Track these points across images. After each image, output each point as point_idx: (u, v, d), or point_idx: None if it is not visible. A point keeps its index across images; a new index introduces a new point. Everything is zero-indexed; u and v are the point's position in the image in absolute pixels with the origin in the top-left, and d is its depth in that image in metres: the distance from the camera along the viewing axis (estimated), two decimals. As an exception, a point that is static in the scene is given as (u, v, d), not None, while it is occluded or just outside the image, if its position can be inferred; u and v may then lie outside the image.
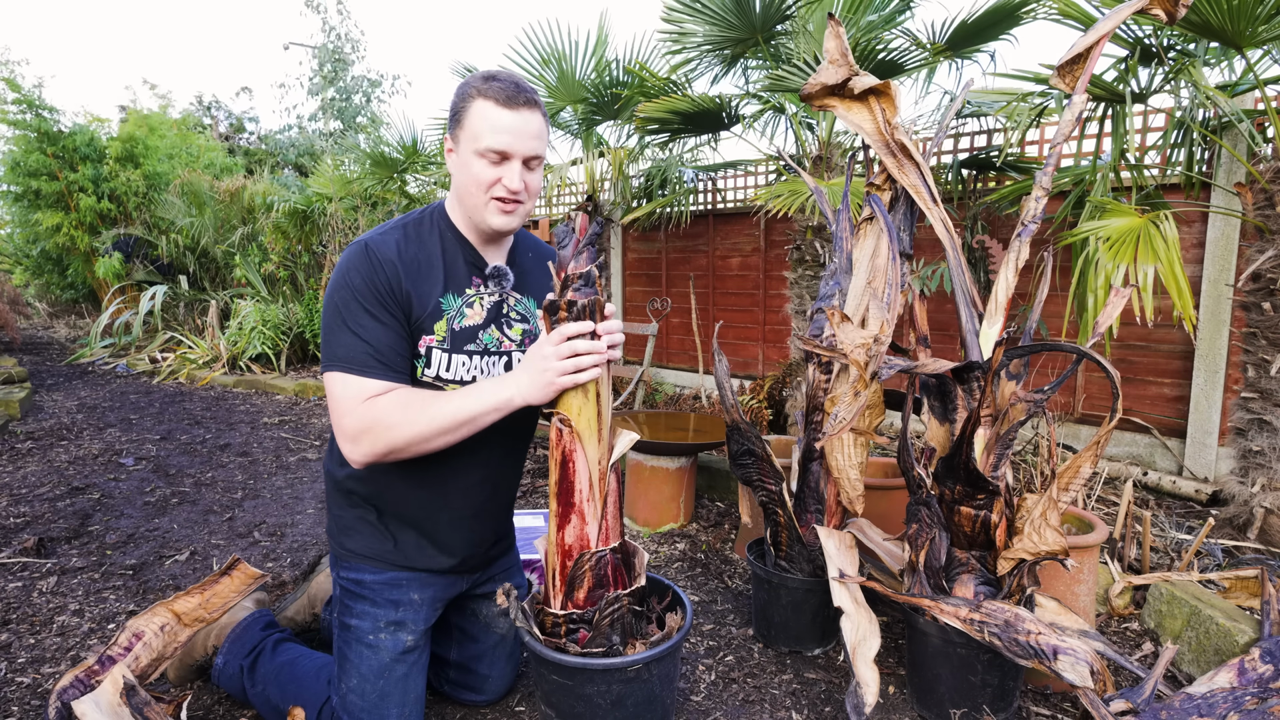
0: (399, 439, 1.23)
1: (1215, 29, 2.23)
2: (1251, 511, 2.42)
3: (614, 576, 1.31)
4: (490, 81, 1.29)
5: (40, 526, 2.82)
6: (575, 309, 1.23)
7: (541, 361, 1.23)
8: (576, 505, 1.28)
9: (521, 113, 1.29)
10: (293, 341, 6.46)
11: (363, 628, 1.41)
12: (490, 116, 1.28)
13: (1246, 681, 1.52)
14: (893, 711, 1.68)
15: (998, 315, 1.61)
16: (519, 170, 1.31)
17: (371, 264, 1.30)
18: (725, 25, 3.37)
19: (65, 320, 10.71)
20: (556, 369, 1.22)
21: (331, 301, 1.31)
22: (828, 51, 1.68)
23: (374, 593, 1.42)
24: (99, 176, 8.36)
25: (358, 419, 1.24)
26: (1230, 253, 2.92)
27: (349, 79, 16.08)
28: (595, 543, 1.29)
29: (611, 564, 1.30)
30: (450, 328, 1.37)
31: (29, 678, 1.81)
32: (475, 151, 1.29)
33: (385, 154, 5.58)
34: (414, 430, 1.23)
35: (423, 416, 1.23)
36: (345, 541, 1.45)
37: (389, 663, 1.40)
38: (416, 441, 1.24)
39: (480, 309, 1.42)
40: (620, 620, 1.30)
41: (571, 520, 1.29)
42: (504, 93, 1.28)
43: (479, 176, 1.31)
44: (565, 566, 1.30)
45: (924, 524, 1.62)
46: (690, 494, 2.88)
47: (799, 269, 3.55)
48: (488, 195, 1.32)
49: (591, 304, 1.24)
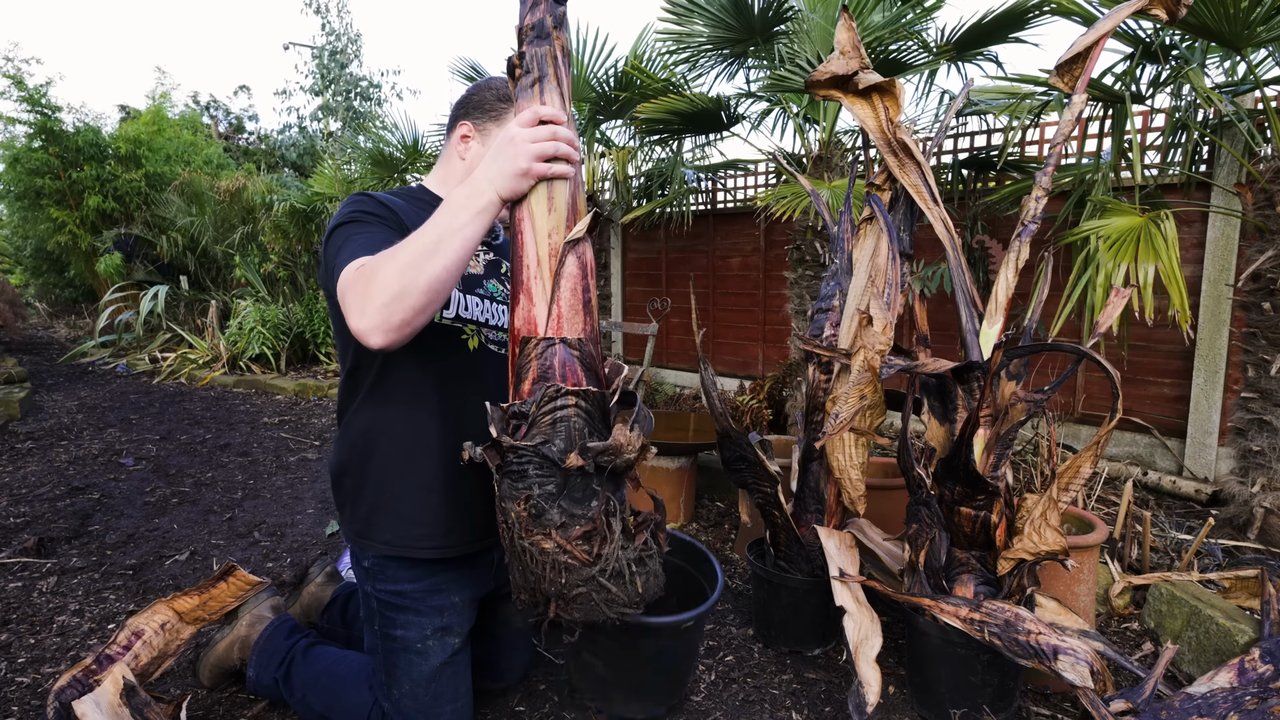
0: (392, 283, 1.07)
1: (1214, 30, 2.23)
2: (1251, 511, 2.42)
3: (565, 373, 1.13)
4: None
5: (40, 526, 2.82)
6: (525, 61, 1.12)
7: (510, 146, 1.10)
8: (524, 283, 1.14)
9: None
10: (292, 341, 6.46)
11: (409, 637, 1.40)
12: None
13: (1246, 681, 1.52)
14: (893, 711, 1.68)
15: (998, 315, 1.61)
16: None
17: (380, 202, 1.30)
18: (724, 26, 3.37)
19: (65, 320, 10.72)
20: (530, 153, 1.10)
21: (334, 234, 1.25)
22: (839, 42, 1.68)
23: (416, 601, 1.40)
24: (102, 176, 8.37)
25: (356, 293, 1.10)
26: (1230, 253, 2.92)
27: (349, 79, 16.09)
28: (544, 329, 1.13)
29: (561, 357, 1.13)
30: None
31: (29, 678, 1.81)
32: None
33: (386, 153, 5.58)
34: (406, 269, 1.07)
35: (409, 249, 1.09)
36: (374, 536, 1.39)
37: (439, 666, 1.41)
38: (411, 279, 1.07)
39: (478, 263, 1.47)
40: (565, 422, 1.11)
41: (520, 301, 1.15)
42: None
43: None
44: (514, 354, 1.16)
45: (924, 524, 1.62)
46: (690, 494, 2.88)
47: (799, 269, 3.55)
48: None
49: (542, 56, 1.11)
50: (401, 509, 1.38)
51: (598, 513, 1.12)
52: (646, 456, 1.15)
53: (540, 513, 1.10)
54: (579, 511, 1.12)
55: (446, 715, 1.44)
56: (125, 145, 8.45)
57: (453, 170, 1.45)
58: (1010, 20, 2.94)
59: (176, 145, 9.29)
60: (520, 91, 1.13)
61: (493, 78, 1.39)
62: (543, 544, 1.10)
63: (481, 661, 1.64)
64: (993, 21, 2.95)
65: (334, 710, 1.52)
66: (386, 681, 1.43)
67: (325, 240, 1.29)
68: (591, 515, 1.12)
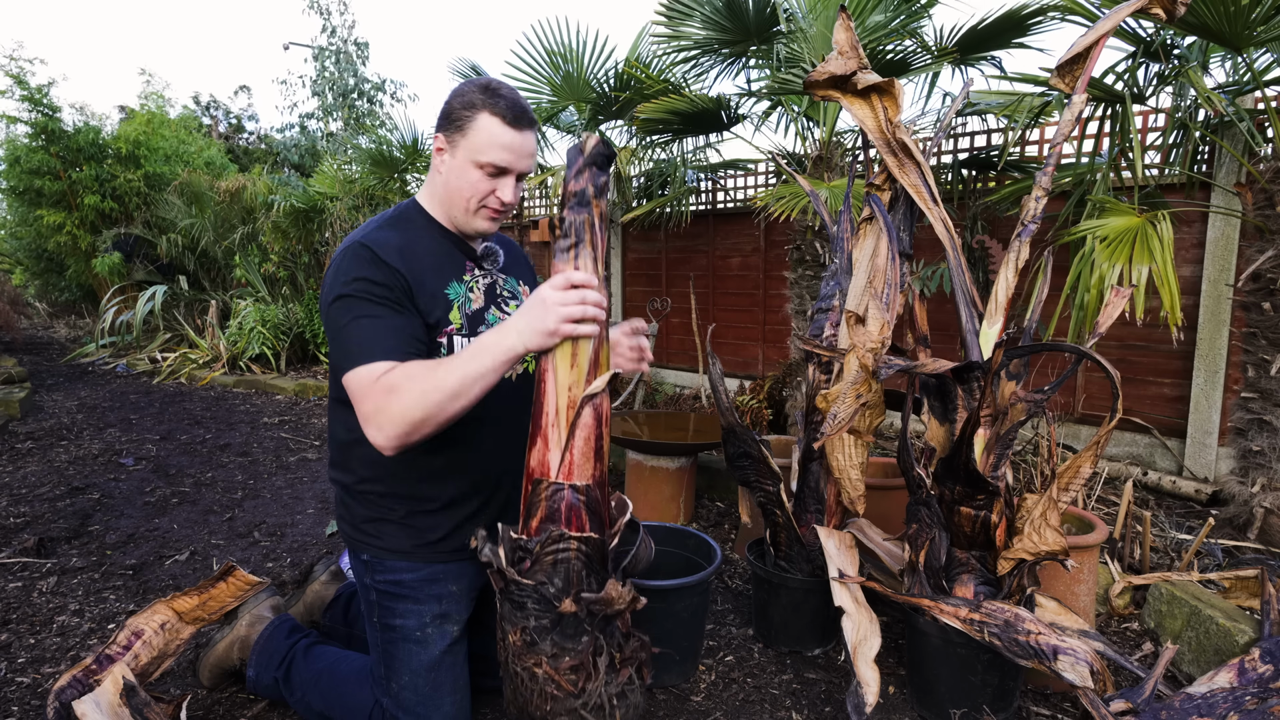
0: (412, 410, 1.18)
1: (1213, 30, 2.23)
2: (1251, 511, 2.42)
3: (570, 517, 1.22)
4: (496, 97, 1.33)
5: (40, 526, 2.82)
6: (564, 226, 1.23)
7: (541, 307, 1.18)
8: (542, 428, 1.24)
9: (525, 133, 1.35)
10: (292, 341, 6.46)
11: (408, 626, 1.42)
12: (496, 133, 1.32)
13: (1246, 681, 1.52)
14: (893, 711, 1.68)
15: (998, 315, 1.61)
16: (513, 185, 1.39)
17: (377, 264, 1.29)
18: (718, 27, 3.37)
19: (65, 320, 10.72)
20: (559, 315, 1.17)
21: (338, 303, 1.29)
22: (837, 43, 1.68)
23: (415, 590, 1.43)
24: (101, 176, 8.36)
25: (372, 403, 1.20)
26: (1230, 253, 2.92)
27: (350, 81, 16.08)
28: (556, 473, 1.23)
29: (568, 501, 1.22)
30: (464, 313, 1.41)
31: (29, 678, 1.81)
32: (475, 163, 1.34)
33: (386, 154, 5.59)
34: (427, 400, 1.18)
35: (431, 382, 1.18)
36: (375, 542, 1.44)
37: (439, 655, 1.42)
38: (433, 410, 1.18)
39: (479, 292, 1.47)
40: (565, 564, 1.21)
41: (536, 443, 1.25)
42: (511, 112, 1.33)
43: (476, 186, 1.36)
44: (526, 490, 1.26)
45: (924, 524, 1.62)
46: (690, 494, 2.88)
47: (799, 269, 3.55)
48: (480, 204, 1.38)
49: (580, 223, 1.22)
50: (404, 522, 1.43)
51: (586, 650, 1.23)
52: (638, 605, 1.26)
53: (534, 643, 1.22)
54: (570, 645, 1.23)
55: (447, 706, 1.44)
56: (125, 146, 8.44)
57: (435, 185, 1.43)
58: (1012, 25, 2.94)
59: (174, 145, 9.29)
60: (557, 252, 1.24)
61: (464, 85, 1.37)
62: (534, 670, 1.22)
63: (479, 656, 1.64)
64: (994, 25, 2.95)
65: (334, 710, 1.52)
66: (386, 675, 1.44)
67: (327, 304, 1.31)
68: (581, 650, 1.23)
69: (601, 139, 1.26)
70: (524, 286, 1.60)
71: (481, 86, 1.35)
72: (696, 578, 1.72)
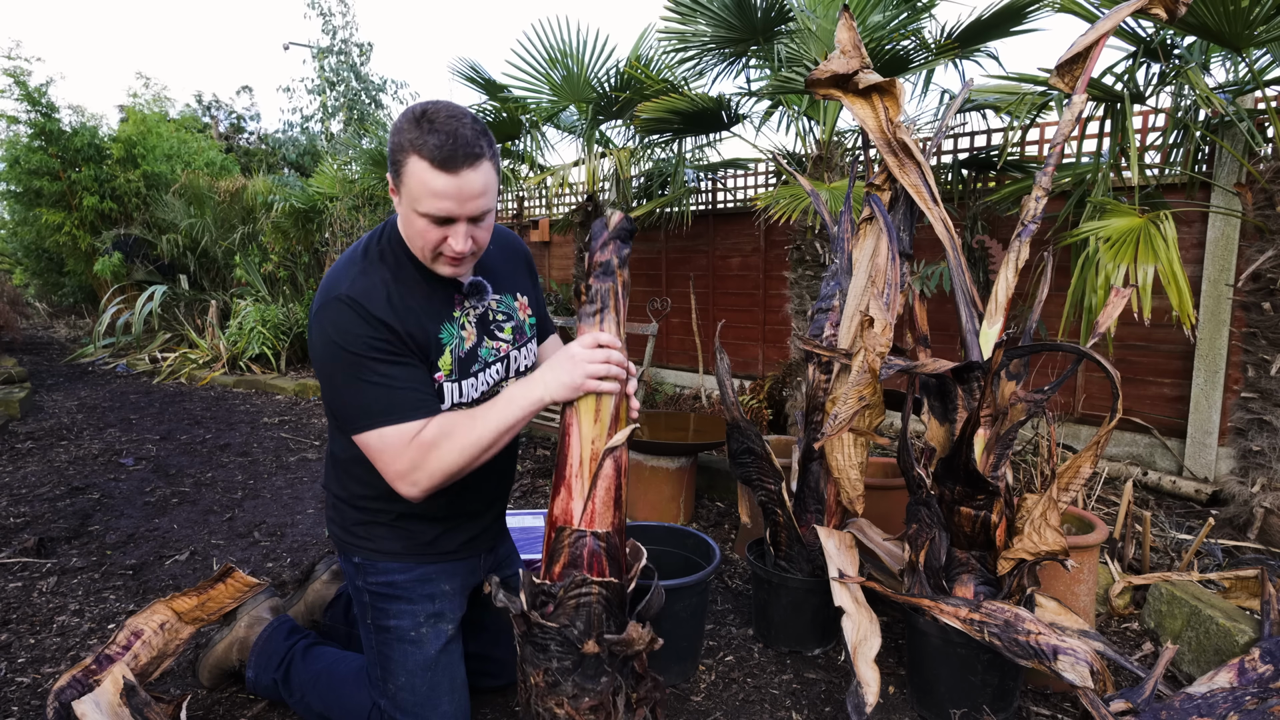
0: (452, 464, 1.25)
1: (1213, 30, 2.23)
2: (1251, 511, 2.42)
3: (591, 562, 1.28)
4: (426, 134, 1.15)
5: (40, 526, 2.82)
6: (590, 293, 1.33)
7: (570, 363, 1.24)
8: (566, 479, 1.30)
9: (463, 174, 1.16)
10: (292, 341, 6.46)
11: (403, 626, 1.43)
12: (428, 181, 1.16)
13: (1246, 681, 1.52)
14: (893, 711, 1.68)
15: (998, 315, 1.61)
16: (464, 231, 1.24)
17: (368, 321, 1.24)
18: (726, 25, 3.37)
19: (65, 320, 10.71)
20: (585, 371, 1.23)
21: (335, 363, 1.25)
22: (840, 41, 1.68)
23: (408, 590, 1.43)
24: (100, 176, 8.36)
25: (408, 460, 1.24)
26: (1230, 253, 2.92)
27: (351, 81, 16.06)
28: (578, 521, 1.29)
29: (590, 548, 1.28)
30: (455, 356, 1.38)
31: (29, 678, 1.81)
32: (416, 212, 1.21)
33: (386, 154, 5.59)
34: (465, 454, 1.25)
35: (470, 437, 1.25)
36: (366, 545, 1.45)
37: (435, 655, 1.42)
38: (469, 462, 1.26)
39: (470, 328, 1.41)
40: (586, 608, 1.27)
41: (560, 493, 1.31)
42: (441, 152, 1.14)
43: (424, 235, 1.24)
44: (550, 537, 1.33)
45: (924, 524, 1.62)
46: (690, 494, 2.88)
47: (799, 269, 3.55)
48: (434, 252, 1.27)
49: (605, 291, 1.32)
50: (395, 525, 1.44)
51: (606, 690, 1.29)
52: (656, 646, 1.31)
53: (556, 684, 1.27)
54: (590, 686, 1.28)
55: (445, 706, 1.44)
56: (119, 148, 8.44)
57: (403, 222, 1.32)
58: (1010, 15, 2.94)
59: (175, 145, 9.29)
60: (583, 316, 1.33)
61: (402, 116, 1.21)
62: (555, 710, 1.28)
63: (476, 656, 1.64)
64: (993, 17, 2.95)
65: (333, 711, 1.52)
66: (382, 676, 1.44)
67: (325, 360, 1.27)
68: (600, 690, 1.28)
69: (625, 216, 1.36)
70: (520, 299, 1.53)
71: (413, 119, 1.17)
72: (695, 577, 1.72)
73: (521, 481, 3.44)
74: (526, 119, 4.56)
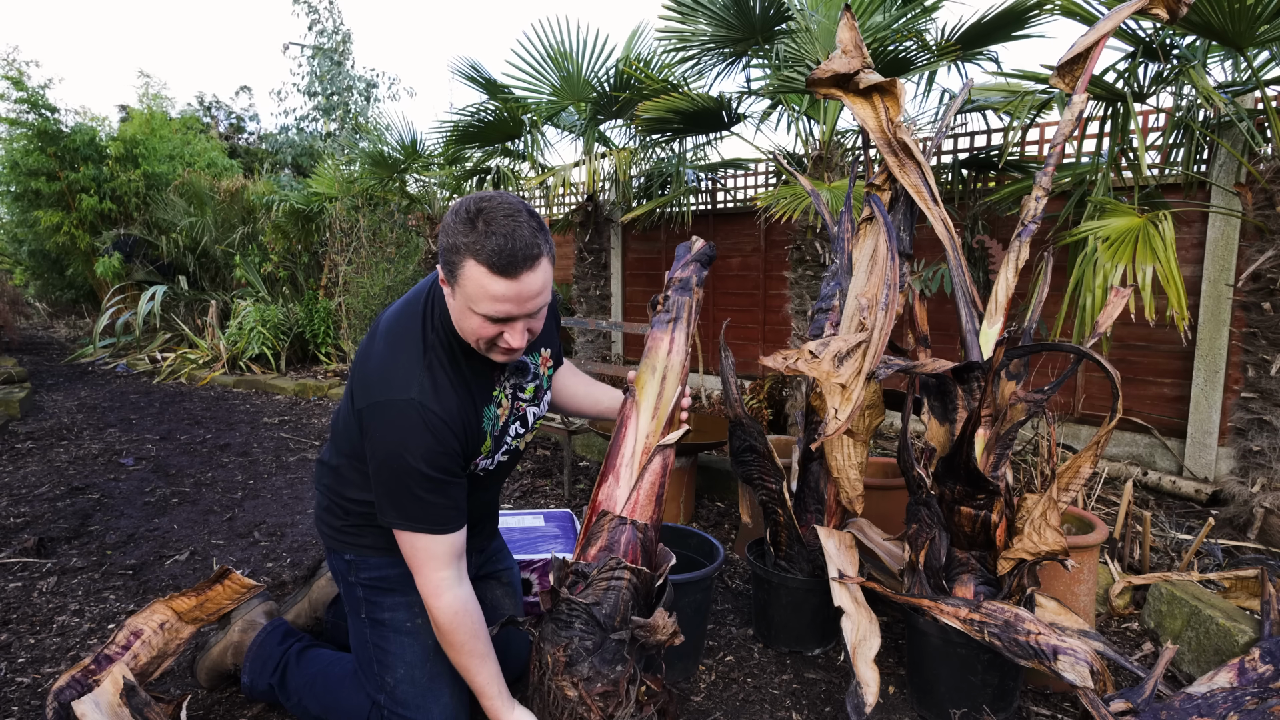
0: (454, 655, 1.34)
1: (1216, 29, 2.23)
2: (1251, 511, 2.42)
3: (627, 550, 1.32)
4: (484, 237, 1.11)
5: (40, 526, 2.82)
6: (667, 304, 1.48)
7: None
8: (615, 467, 1.35)
9: (523, 277, 1.14)
10: (292, 342, 6.46)
11: (398, 619, 1.43)
12: (487, 286, 1.13)
13: (1246, 681, 1.52)
14: (893, 711, 1.68)
15: (998, 315, 1.61)
16: (521, 329, 1.21)
17: (435, 436, 1.24)
18: (725, 25, 3.37)
19: (65, 320, 10.71)
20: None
21: (399, 468, 1.24)
22: (841, 41, 1.69)
23: (400, 583, 1.43)
24: (100, 177, 8.36)
25: (447, 613, 1.30)
26: (1230, 253, 2.92)
27: (343, 79, 16.01)
28: (621, 508, 1.34)
29: (628, 536, 1.32)
30: (493, 437, 1.40)
31: (29, 678, 1.81)
32: (472, 310, 1.18)
33: (385, 154, 5.58)
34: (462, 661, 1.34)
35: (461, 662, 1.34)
36: (357, 541, 1.46)
37: (434, 644, 1.42)
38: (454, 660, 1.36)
39: (506, 402, 1.42)
40: (616, 591, 1.28)
41: (608, 479, 1.36)
42: (500, 257, 1.11)
43: (479, 331, 1.21)
44: (590, 520, 1.37)
45: (924, 524, 1.62)
46: (690, 494, 2.88)
47: (799, 269, 3.55)
48: (489, 345, 1.24)
49: (681, 304, 1.47)
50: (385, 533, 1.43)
51: (621, 677, 1.31)
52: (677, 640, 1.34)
53: (574, 662, 1.29)
54: (605, 671, 1.30)
55: (446, 698, 1.44)
56: (118, 147, 8.43)
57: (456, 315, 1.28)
58: (1012, 18, 2.94)
59: (176, 145, 9.28)
60: (656, 323, 1.45)
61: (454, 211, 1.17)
62: (567, 691, 1.29)
63: None
64: (995, 20, 2.95)
65: (331, 713, 1.52)
66: (380, 671, 1.43)
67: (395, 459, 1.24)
68: (615, 678, 1.30)
69: (708, 244, 1.55)
70: (544, 353, 1.49)
71: (467, 219, 1.13)
72: (699, 573, 1.73)
73: (521, 481, 3.44)
74: (527, 119, 4.56)
